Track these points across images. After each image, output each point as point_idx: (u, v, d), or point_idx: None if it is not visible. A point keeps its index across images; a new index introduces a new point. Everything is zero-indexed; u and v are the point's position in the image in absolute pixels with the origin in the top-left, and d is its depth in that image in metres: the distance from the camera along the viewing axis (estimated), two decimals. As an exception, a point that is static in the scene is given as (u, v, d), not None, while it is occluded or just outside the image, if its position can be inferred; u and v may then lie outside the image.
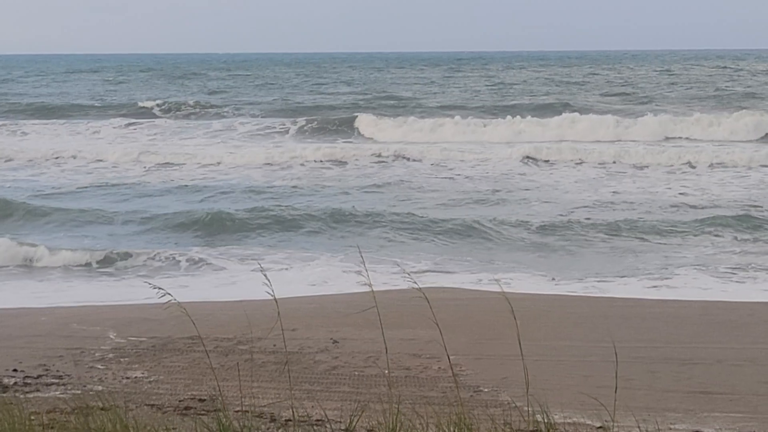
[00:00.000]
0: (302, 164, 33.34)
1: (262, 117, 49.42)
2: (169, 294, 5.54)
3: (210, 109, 53.88)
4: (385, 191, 27.12)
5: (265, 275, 5.69)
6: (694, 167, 31.01)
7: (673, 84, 69.97)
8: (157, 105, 55.08)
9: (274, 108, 53.43)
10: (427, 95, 61.79)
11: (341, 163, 33.61)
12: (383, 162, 33.55)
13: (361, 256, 7.30)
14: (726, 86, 64.32)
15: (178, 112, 52.94)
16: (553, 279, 15.99)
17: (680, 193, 26.14)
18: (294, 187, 28.04)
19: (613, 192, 26.41)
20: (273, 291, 5.52)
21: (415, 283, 5.46)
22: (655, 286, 15.32)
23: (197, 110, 53.75)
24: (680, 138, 39.02)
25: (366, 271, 5.82)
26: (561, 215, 22.17)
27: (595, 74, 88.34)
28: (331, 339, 11.43)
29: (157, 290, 5.58)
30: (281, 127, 44.64)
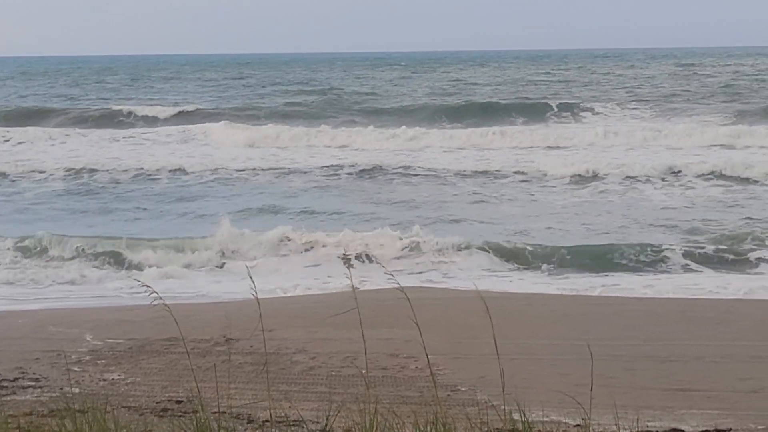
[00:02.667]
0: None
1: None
2: (156, 293, 5.51)
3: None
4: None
5: (250, 275, 5.68)
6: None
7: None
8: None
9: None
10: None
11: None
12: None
13: (345, 258, 7.30)
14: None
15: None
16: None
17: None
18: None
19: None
20: (255, 290, 5.50)
21: (397, 282, 5.44)
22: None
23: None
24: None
25: (350, 271, 5.80)
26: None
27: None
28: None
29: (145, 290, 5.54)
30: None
